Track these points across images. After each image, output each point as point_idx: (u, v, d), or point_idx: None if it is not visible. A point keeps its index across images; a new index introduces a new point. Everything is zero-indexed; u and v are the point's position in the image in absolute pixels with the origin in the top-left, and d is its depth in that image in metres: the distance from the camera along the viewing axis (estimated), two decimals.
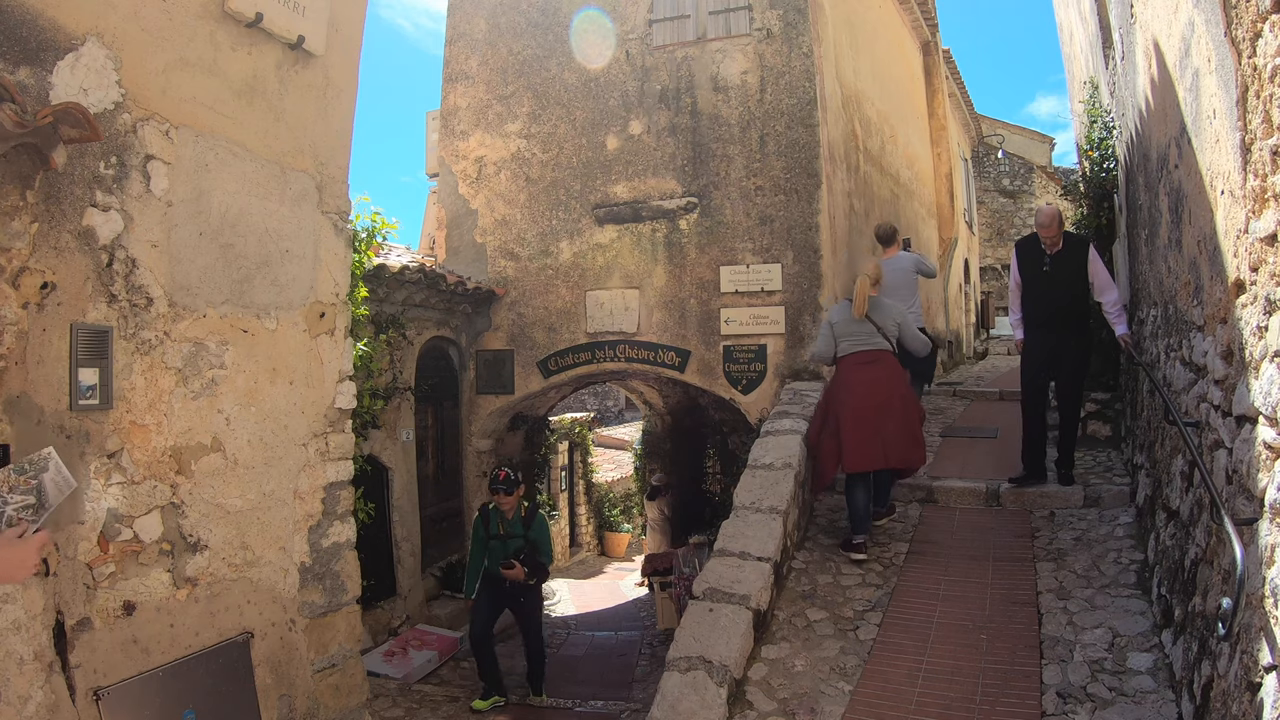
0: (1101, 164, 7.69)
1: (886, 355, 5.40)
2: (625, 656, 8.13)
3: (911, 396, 5.61)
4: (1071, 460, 5.83)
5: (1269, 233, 2.13)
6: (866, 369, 5.38)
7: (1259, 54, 2.10)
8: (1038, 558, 4.97)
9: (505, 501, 6.01)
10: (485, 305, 8.52)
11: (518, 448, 9.80)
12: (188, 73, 3.49)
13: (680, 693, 3.62)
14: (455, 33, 8.92)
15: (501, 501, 6.02)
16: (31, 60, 2.81)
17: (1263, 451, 2.20)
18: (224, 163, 3.69)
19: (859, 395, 5.32)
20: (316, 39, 4.15)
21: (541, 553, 6.10)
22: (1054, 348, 5.63)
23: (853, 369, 5.43)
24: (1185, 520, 3.44)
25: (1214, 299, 2.91)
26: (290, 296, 4.10)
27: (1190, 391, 3.41)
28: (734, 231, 7.72)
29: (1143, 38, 4.45)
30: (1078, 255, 5.58)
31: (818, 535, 5.67)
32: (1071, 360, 5.62)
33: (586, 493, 18.53)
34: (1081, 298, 5.63)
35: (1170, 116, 3.72)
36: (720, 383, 7.77)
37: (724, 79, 7.83)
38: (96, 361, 3.03)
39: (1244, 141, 2.31)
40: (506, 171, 8.60)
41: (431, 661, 6.66)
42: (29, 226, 2.77)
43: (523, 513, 6.11)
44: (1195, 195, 3.20)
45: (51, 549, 2.79)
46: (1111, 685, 3.51)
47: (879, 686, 3.82)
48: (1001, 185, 21.80)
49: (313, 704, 4.06)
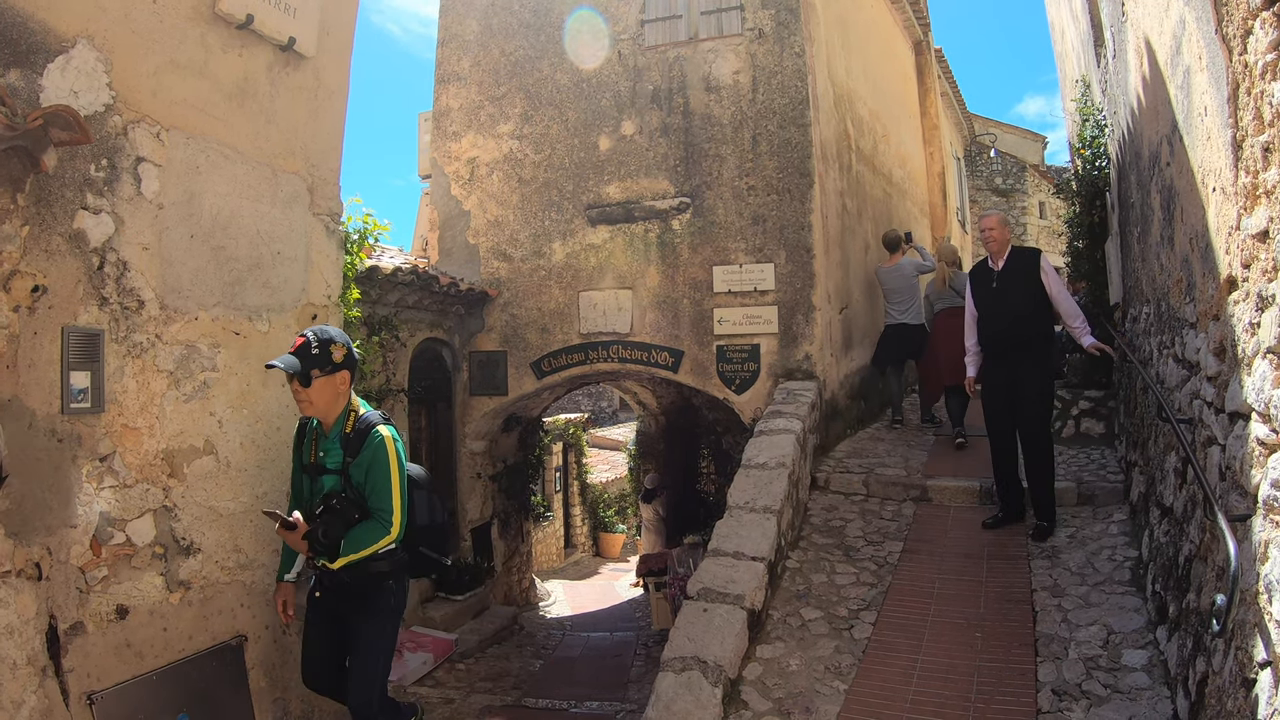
0: (1094, 162, 7.73)
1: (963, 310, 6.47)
2: (620, 657, 8.12)
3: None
4: (1051, 511, 5.28)
5: (1260, 229, 2.14)
6: (954, 319, 7.08)
7: (1250, 51, 2.11)
8: (1032, 555, 4.98)
9: (303, 397, 3.29)
10: (478, 306, 8.51)
11: (512, 449, 9.78)
12: (178, 75, 3.48)
13: (675, 693, 3.62)
14: (447, 34, 8.90)
15: (299, 397, 3.30)
16: (22, 62, 2.79)
17: (1255, 448, 2.21)
18: (215, 165, 3.68)
19: (952, 336, 6.95)
20: (307, 41, 4.14)
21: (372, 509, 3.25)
22: (1010, 382, 5.25)
23: (945, 320, 7.64)
24: (1179, 517, 3.46)
25: (1206, 296, 2.92)
26: (282, 298, 4.09)
27: (1183, 388, 3.42)
28: (727, 231, 7.72)
29: (1134, 36, 4.46)
30: (1027, 269, 5.27)
31: (812, 534, 5.67)
32: (1031, 400, 5.18)
33: (581, 493, 18.54)
34: (1034, 317, 5.22)
35: (1162, 114, 3.74)
36: (714, 383, 7.77)
37: (716, 79, 7.83)
38: (88, 365, 3.02)
39: (1235, 138, 2.32)
40: (499, 172, 8.59)
41: (426, 664, 6.64)
42: (20, 229, 2.75)
43: (348, 428, 3.33)
44: (1187, 192, 3.22)
45: (44, 553, 2.78)
46: (1106, 682, 3.52)
47: (874, 685, 3.82)
48: (994, 184, 21.85)
49: (307, 707, 4.05)
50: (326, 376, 3.25)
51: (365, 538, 3.18)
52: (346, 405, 3.37)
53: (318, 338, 3.25)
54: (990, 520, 5.55)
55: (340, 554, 3.15)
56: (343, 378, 3.31)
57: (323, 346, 3.24)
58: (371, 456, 3.24)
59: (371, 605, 3.37)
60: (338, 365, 3.28)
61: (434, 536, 3.67)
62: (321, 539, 3.16)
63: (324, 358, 3.24)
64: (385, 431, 3.29)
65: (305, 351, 3.22)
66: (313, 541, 3.17)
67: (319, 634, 3.50)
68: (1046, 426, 5.30)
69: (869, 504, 6.20)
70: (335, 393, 3.31)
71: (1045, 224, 21.78)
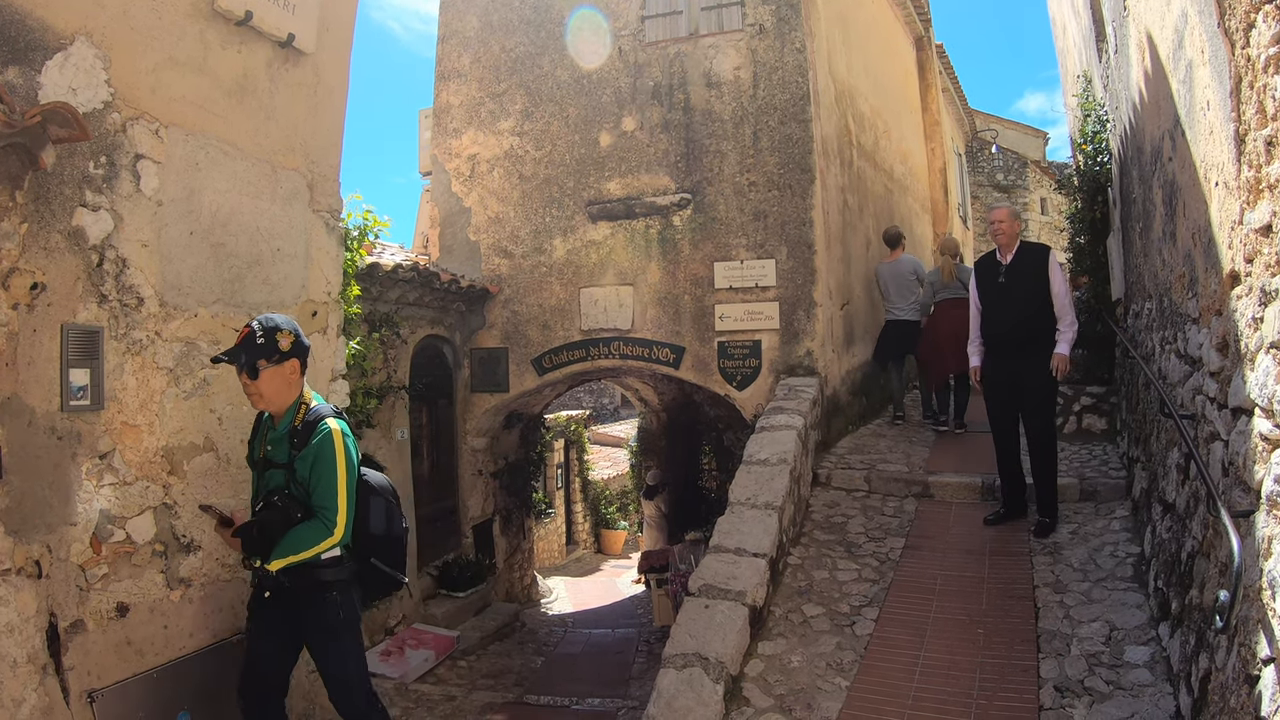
0: (1095, 158, 7.71)
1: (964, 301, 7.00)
2: (622, 654, 8.12)
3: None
4: (1053, 507, 5.28)
5: (1263, 224, 2.13)
6: (955, 309, 7.39)
7: (1252, 45, 2.10)
8: (1034, 551, 4.97)
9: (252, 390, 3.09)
10: (479, 303, 8.50)
11: (513, 446, 9.78)
12: (177, 71, 3.47)
13: (676, 690, 3.61)
14: (447, 30, 8.89)
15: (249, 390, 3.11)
16: (20, 60, 2.79)
17: (1259, 443, 2.20)
18: (214, 161, 3.67)
19: (947, 326, 7.54)
20: (307, 37, 4.13)
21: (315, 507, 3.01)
22: (1014, 378, 5.22)
23: (946, 309, 7.76)
24: (1181, 513, 3.44)
25: (1209, 291, 2.91)
26: (282, 295, 4.08)
27: (1186, 384, 3.41)
28: (728, 227, 7.71)
29: (1136, 31, 4.45)
30: (1036, 265, 5.20)
31: (814, 531, 5.67)
32: (1034, 395, 5.17)
33: (583, 490, 18.56)
34: (1040, 313, 5.17)
35: (1164, 109, 3.72)
36: (715, 379, 7.76)
37: (717, 75, 7.82)
38: (87, 362, 3.02)
39: (1238, 133, 2.31)
40: (499, 169, 8.58)
41: (428, 661, 6.64)
42: (18, 227, 2.75)
43: (297, 421, 3.12)
44: (1189, 187, 3.20)
45: (45, 551, 2.78)
46: (1109, 679, 3.51)
47: (876, 682, 3.82)
48: (996, 180, 21.81)
49: (309, 704, 4.05)
50: (274, 367, 3.06)
51: (304, 539, 2.95)
52: (298, 397, 3.16)
53: (263, 326, 3.06)
54: (992, 516, 5.54)
55: (275, 555, 2.92)
56: (292, 367, 3.11)
57: (268, 335, 3.04)
58: (317, 450, 3.01)
59: (317, 620, 3.12)
60: (285, 354, 3.07)
61: (390, 549, 3.33)
62: (256, 536, 2.94)
63: (270, 347, 3.04)
64: (334, 424, 3.08)
65: (250, 342, 3.04)
66: (245, 539, 2.96)
67: (261, 641, 3.21)
68: (1050, 422, 5.28)
69: (871, 500, 6.20)
70: (285, 383, 3.11)
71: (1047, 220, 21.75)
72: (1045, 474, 5.26)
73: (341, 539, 3.01)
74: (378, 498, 3.28)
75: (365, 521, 3.20)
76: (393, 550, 3.34)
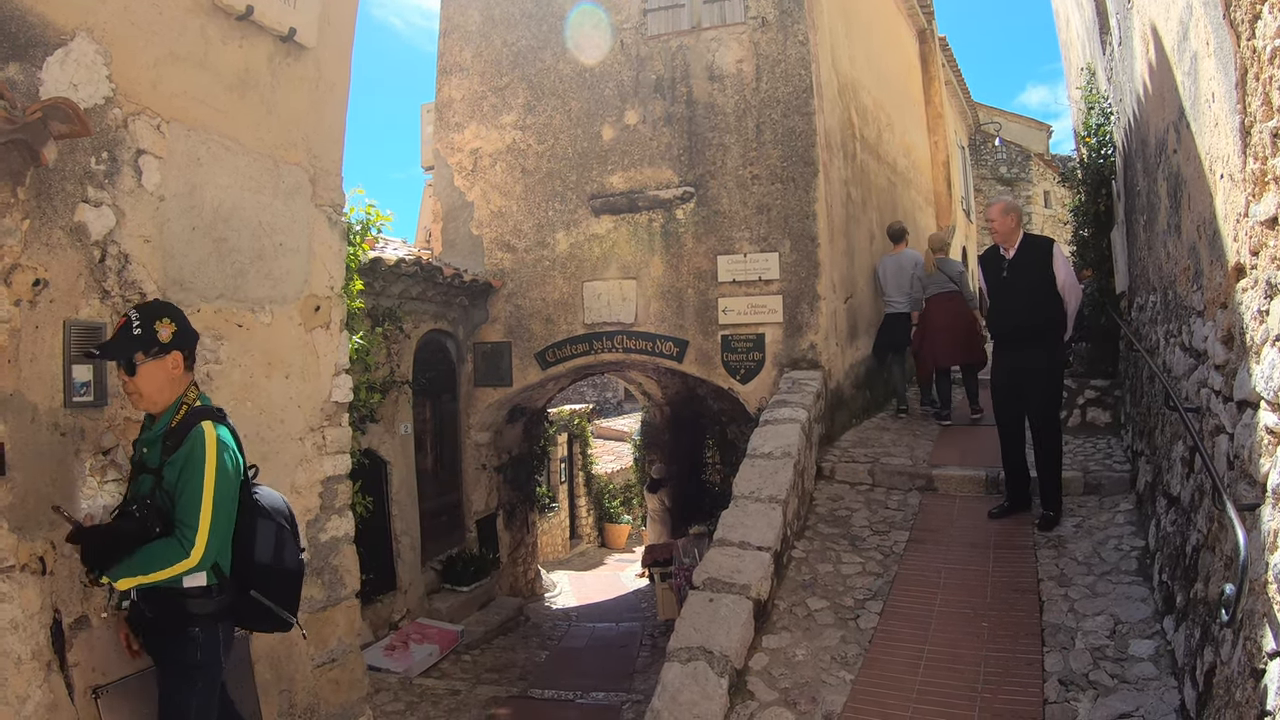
0: (1099, 150, 7.67)
1: (956, 294, 8.01)
2: (626, 648, 8.14)
3: (972, 316, 7.98)
4: (1057, 500, 5.25)
5: (1269, 216, 2.11)
6: (944, 303, 7.95)
7: (1258, 36, 2.08)
8: (1038, 545, 4.97)
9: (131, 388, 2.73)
10: (482, 297, 8.50)
11: (517, 440, 9.79)
12: (178, 67, 3.46)
13: (681, 683, 3.61)
14: (449, 24, 8.87)
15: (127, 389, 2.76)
16: (21, 56, 2.78)
17: (1265, 437, 2.19)
18: (216, 156, 3.66)
19: (940, 319, 7.92)
20: (308, 31, 4.11)
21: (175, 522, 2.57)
22: (1018, 372, 5.19)
23: (941, 302, 7.99)
24: (1186, 506, 3.44)
25: (1214, 284, 2.90)
26: (285, 290, 4.08)
27: (1190, 377, 3.40)
28: (731, 221, 7.69)
29: (1140, 22, 4.42)
30: (1039, 258, 5.17)
31: (818, 524, 5.67)
32: (1040, 389, 5.14)
33: (586, 484, 18.58)
34: (1044, 306, 5.13)
35: (1168, 101, 3.70)
36: (718, 372, 7.76)
37: (719, 68, 7.79)
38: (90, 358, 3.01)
39: (1243, 124, 2.29)
40: (502, 163, 8.57)
41: (432, 655, 6.66)
42: (20, 223, 2.74)
43: (174, 421, 2.71)
44: (1194, 180, 3.18)
45: (48, 548, 2.78)
46: (1113, 672, 3.51)
47: (880, 675, 3.82)
48: (999, 173, 21.77)
49: (313, 699, 4.06)
50: (154, 360, 2.67)
51: (155, 558, 2.51)
52: (180, 396, 2.76)
53: (140, 315, 2.68)
54: (996, 510, 5.53)
55: (122, 573, 2.51)
56: (174, 360, 2.72)
57: (145, 324, 2.66)
58: (186, 455, 2.58)
59: (173, 655, 2.69)
60: (166, 346, 2.68)
61: (277, 582, 2.81)
62: (99, 546, 2.55)
63: (148, 338, 2.65)
64: (209, 428, 2.66)
65: (126, 333, 2.65)
66: (85, 548, 2.57)
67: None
68: (1055, 415, 5.27)
69: (875, 493, 6.20)
70: (167, 379, 2.71)
71: (1050, 213, 21.70)
72: (1049, 467, 5.25)
73: (200, 564, 2.54)
74: (267, 521, 2.78)
75: (249, 547, 2.73)
76: (281, 584, 2.84)
